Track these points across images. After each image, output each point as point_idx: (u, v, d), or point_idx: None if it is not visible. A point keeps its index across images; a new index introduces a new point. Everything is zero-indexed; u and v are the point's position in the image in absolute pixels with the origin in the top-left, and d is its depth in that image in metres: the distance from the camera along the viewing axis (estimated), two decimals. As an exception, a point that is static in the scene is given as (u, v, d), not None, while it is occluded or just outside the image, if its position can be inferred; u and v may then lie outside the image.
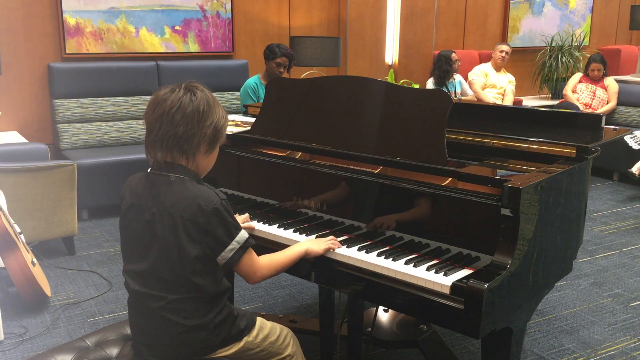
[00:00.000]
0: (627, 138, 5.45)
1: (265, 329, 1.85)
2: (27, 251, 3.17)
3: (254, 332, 1.81)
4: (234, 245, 1.65)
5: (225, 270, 1.71)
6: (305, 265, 1.93)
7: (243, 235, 1.68)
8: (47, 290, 3.19)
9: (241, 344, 1.77)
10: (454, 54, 5.93)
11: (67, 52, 4.90)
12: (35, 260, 3.20)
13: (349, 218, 2.01)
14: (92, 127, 4.88)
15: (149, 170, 1.75)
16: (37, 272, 3.14)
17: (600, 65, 6.22)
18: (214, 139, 1.71)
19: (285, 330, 1.93)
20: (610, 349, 2.85)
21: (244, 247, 1.68)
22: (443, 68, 5.89)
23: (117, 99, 5.00)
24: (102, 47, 5.05)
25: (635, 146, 5.44)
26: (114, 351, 1.85)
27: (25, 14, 4.72)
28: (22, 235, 3.22)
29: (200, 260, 1.64)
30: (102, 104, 4.93)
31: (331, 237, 1.93)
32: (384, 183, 1.92)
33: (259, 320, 1.87)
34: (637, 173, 5.21)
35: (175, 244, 1.63)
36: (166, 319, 1.66)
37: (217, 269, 1.70)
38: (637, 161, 5.26)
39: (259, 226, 2.08)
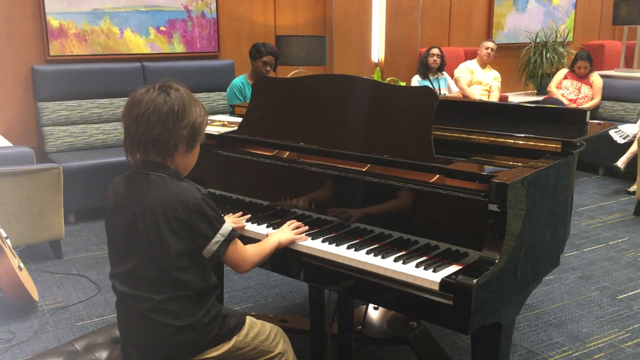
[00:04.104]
0: (611, 132, 5.50)
1: (255, 327, 1.85)
2: (14, 256, 3.14)
3: (244, 331, 1.81)
4: (218, 238, 1.67)
5: (213, 262, 1.72)
6: (294, 264, 1.93)
7: (227, 227, 1.70)
8: (35, 294, 3.16)
9: (231, 343, 1.77)
10: (434, 49, 6.08)
11: (51, 54, 4.86)
12: (22, 264, 3.17)
13: (338, 216, 2.01)
14: (77, 129, 4.84)
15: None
16: (25, 276, 3.11)
17: (587, 62, 6.27)
18: (192, 139, 1.70)
19: (275, 328, 1.93)
20: (599, 341, 2.88)
21: (228, 240, 1.69)
22: (423, 62, 6.12)
23: (103, 100, 4.97)
24: (86, 48, 5.01)
25: (620, 140, 5.49)
26: (103, 354, 1.85)
27: (8, 16, 4.67)
28: (8, 240, 3.19)
29: (186, 255, 1.65)
30: (87, 106, 4.90)
31: (295, 224, 1.98)
32: (372, 181, 1.93)
33: (249, 319, 1.87)
34: (622, 167, 5.26)
35: (159, 241, 1.63)
36: (154, 320, 1.66)
37: (204, 264, 1.70)
38: (622, 155, 5.32)
39: (249, 226, 2.08)
